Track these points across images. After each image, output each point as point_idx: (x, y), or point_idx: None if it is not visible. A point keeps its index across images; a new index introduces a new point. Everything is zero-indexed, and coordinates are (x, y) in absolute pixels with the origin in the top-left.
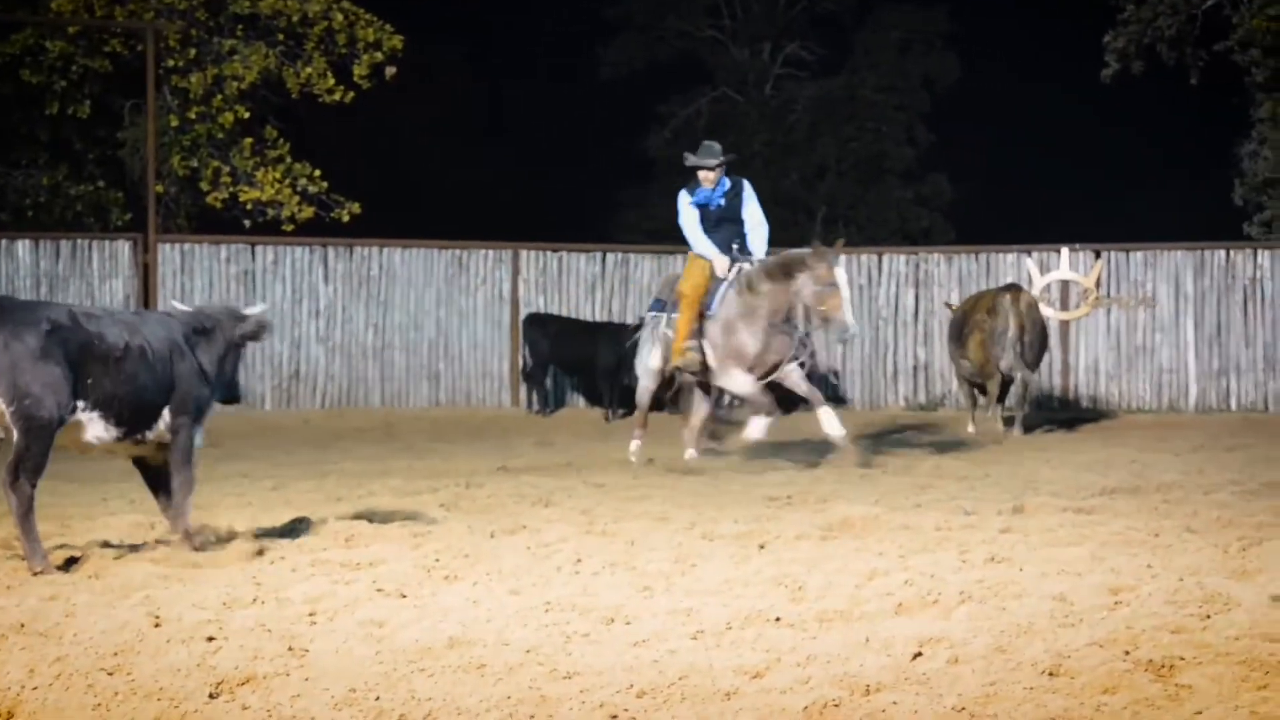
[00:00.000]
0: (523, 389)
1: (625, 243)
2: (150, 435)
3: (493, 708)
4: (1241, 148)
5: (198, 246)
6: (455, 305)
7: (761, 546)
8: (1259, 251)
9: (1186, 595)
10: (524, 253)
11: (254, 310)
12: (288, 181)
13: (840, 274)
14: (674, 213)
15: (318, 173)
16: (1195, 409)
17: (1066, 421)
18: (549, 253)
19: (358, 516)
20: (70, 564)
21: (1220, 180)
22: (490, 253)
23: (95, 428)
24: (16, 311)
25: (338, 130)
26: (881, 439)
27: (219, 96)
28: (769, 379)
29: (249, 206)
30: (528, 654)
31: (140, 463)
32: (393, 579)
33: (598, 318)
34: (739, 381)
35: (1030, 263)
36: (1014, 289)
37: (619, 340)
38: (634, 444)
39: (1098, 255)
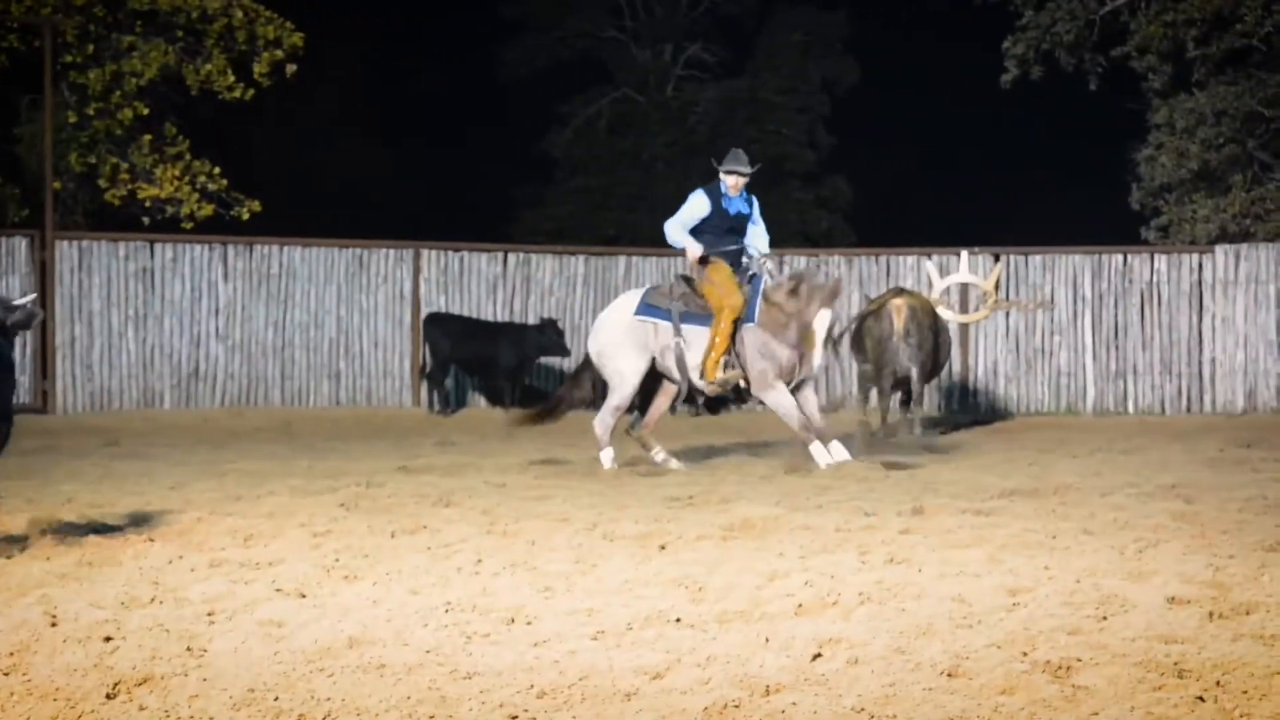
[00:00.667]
0: (424, 389)
1: (526, 242)
2: None
3: (392, 708)
4: (1139, 152)
5: (96, 244)
6: (356, 304)
7: (662, 547)
8: (1156, 256)
9: (1084, 597)
10: (425, 252)
11: (23, 301)
12: (187, 179)
13: (821, 316)
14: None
15: (217, 170)
16: (1093, 411)
17: (966, 423)
18: (450, 252)
19: (257, 516)
20: None
21: (1118, 185)
22: (391, 251)
23: None
24: None
25: (238, 128)
26: (782, 441)
27: (118, 93)
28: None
29: (148, 204)
30: (428, 654)
31: None
32: (292, 579)
33: (499, 317)
34: (778, 395)
35: (930, 265)
36: (900, 292)
37: (520, 340)
38: (608, 452)
39: (997, 258)
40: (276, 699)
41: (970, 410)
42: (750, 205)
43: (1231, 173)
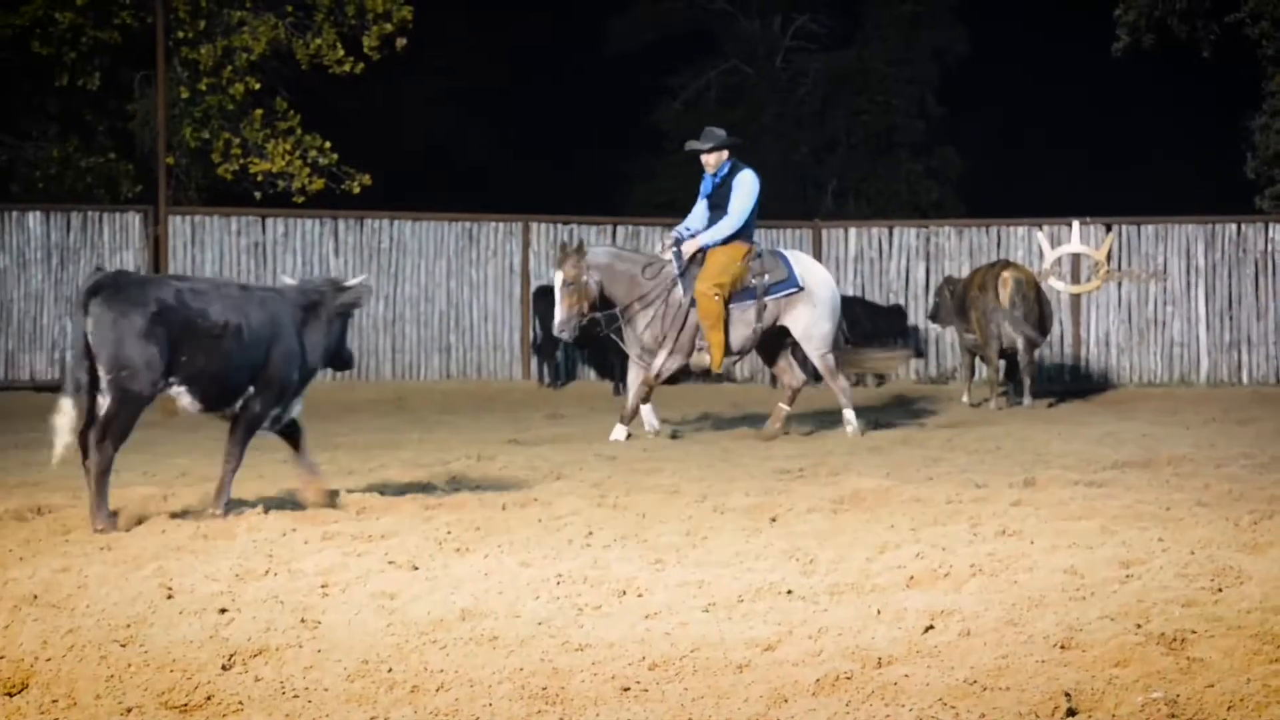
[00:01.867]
0: (534, 362)
1: (636, 215)
2: (235, 409)
3: (505, 679)
4: (1253, 121)
5: (208, 218)
6: (466, 277)
7: (773, 519)
8: (1270, 225)
9: (1198, 568)
10: (534, 225)
11: (354, 281)
12: (298, 153)
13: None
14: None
15: (328, 144)
16: (1207, 382)
17: (1077, 394)
18: (559, 225)
19: (369, 489)
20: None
21: (1232, 153)
22: (501, 225)
23: (184, 400)
24: (128, 289)
25: (348, 102)
26: (892, 411)
27: (229, 68)
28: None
29: (259, 178)
30: (539, 626)
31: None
32: (404, 551)
33: None
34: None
35: (1041, 236)
36: (1005, 264)
37: None
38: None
39: (1108, 229)
40: (390, 670)
41: (1082, 381)
42: (729, 182)
43: None
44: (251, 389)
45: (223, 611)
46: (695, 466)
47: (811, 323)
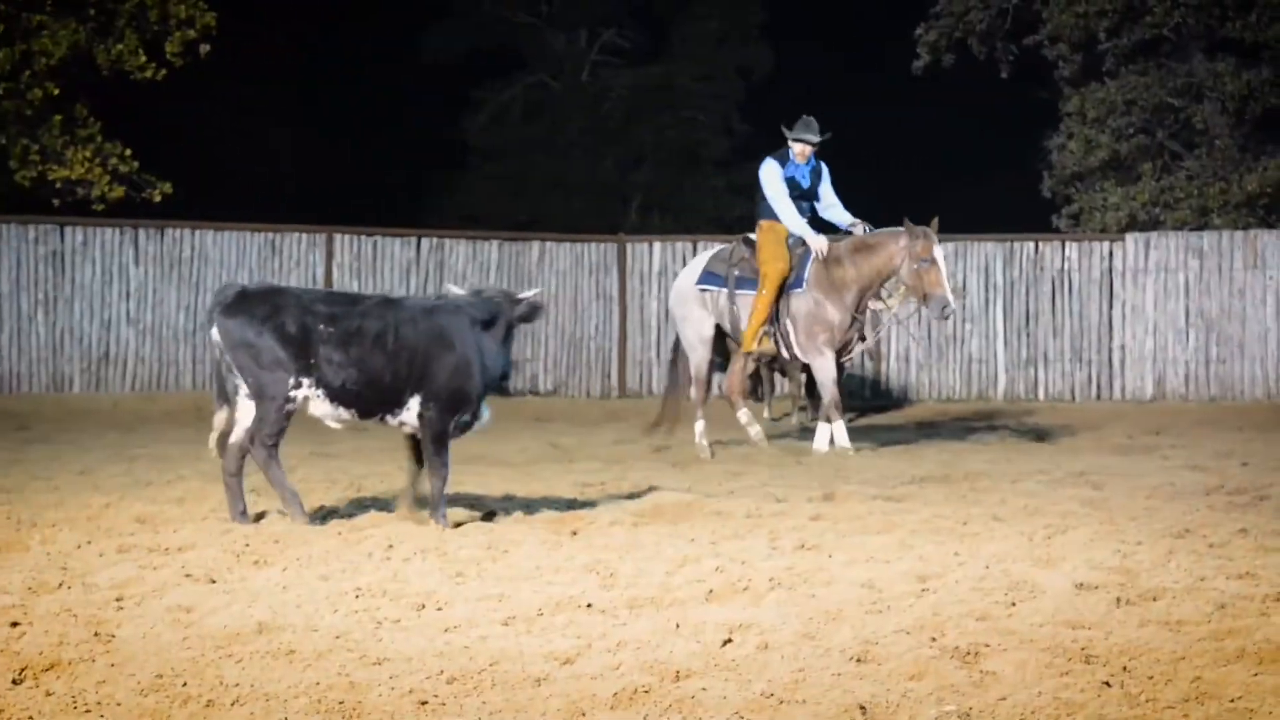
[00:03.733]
0: None
1: (440, 227)
2: (393, 419)
3: (301, 693)
4: (1050, 141)
5: (4, 226)
6: None
7: (574, 533)
8: (1067, 243)
9: (993, 582)
10: (338, 236)
11: (528, 294)
12: (98, 161)
13: (938, 250)
14: (756, 180)
15: (129, 152)
16: (1004, 398)
17: (878, 410)
18: (363, 237)
19: (167, 501)
20: None
21: (1030, 173)
22: (304, 236)
23: (322, 407)
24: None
25: (150, 109)
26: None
27: (27, 73)
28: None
29: (58, 185)
30: (337, 640)
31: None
32: (202, 564)
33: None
34: (826, 362)
35: None
36: None
37: None
38: (699, 425)
39: None
40: (184, 684)
41: (882, 397)
42: (820, 175)
43: (1141, 161)
44: (415, 400)
45: (14, 625)
46: (498, 480)
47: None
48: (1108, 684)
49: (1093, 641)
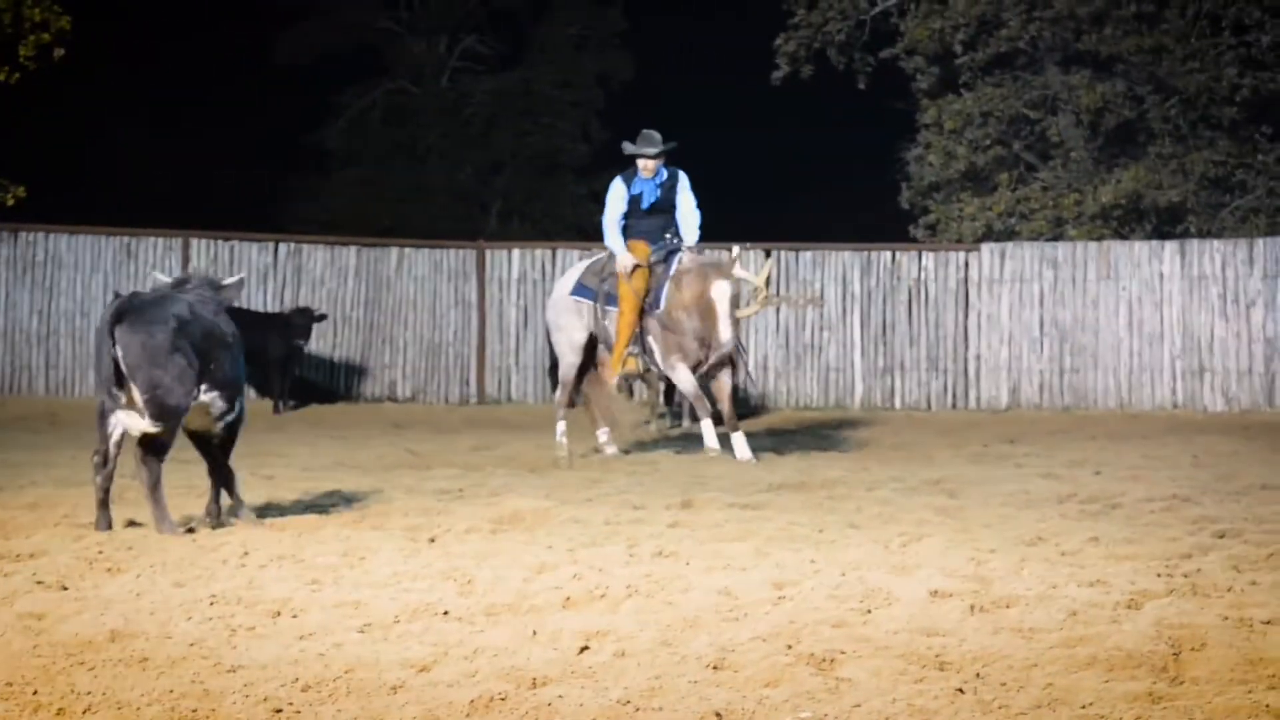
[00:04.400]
0: None
1: (298, 233)
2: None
3: (154, 701)
4: (908, 152)
5: None
6: (125, 292)
7: (431, 540)
8: (923, 253)
9: (848, 590)
10: (194, 241)
11: (232, 280)
12: None
13: (718, 287)
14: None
15: None
16: (861, 406)
17: (738, 417)
18: (220, 241)
19: (18, 506)
20: None
21: (888, 184)
22: (160, 240)
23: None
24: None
25: (2, 113)
26: (550, 432)
27: None
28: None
29: None
30: (191, 647)
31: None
32: (54, 570)
33: (269, 308)
34: (683, 377)
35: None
36: None
37: (290, 331)
38: (560, 425)
39: (768, 254)
40: (35, 692)
41: (740, 405)
42: (676, 183)
43: (997, 172)
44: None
45: None
46: (354, 486)
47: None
48: (961, 691)
49: (946, 648)
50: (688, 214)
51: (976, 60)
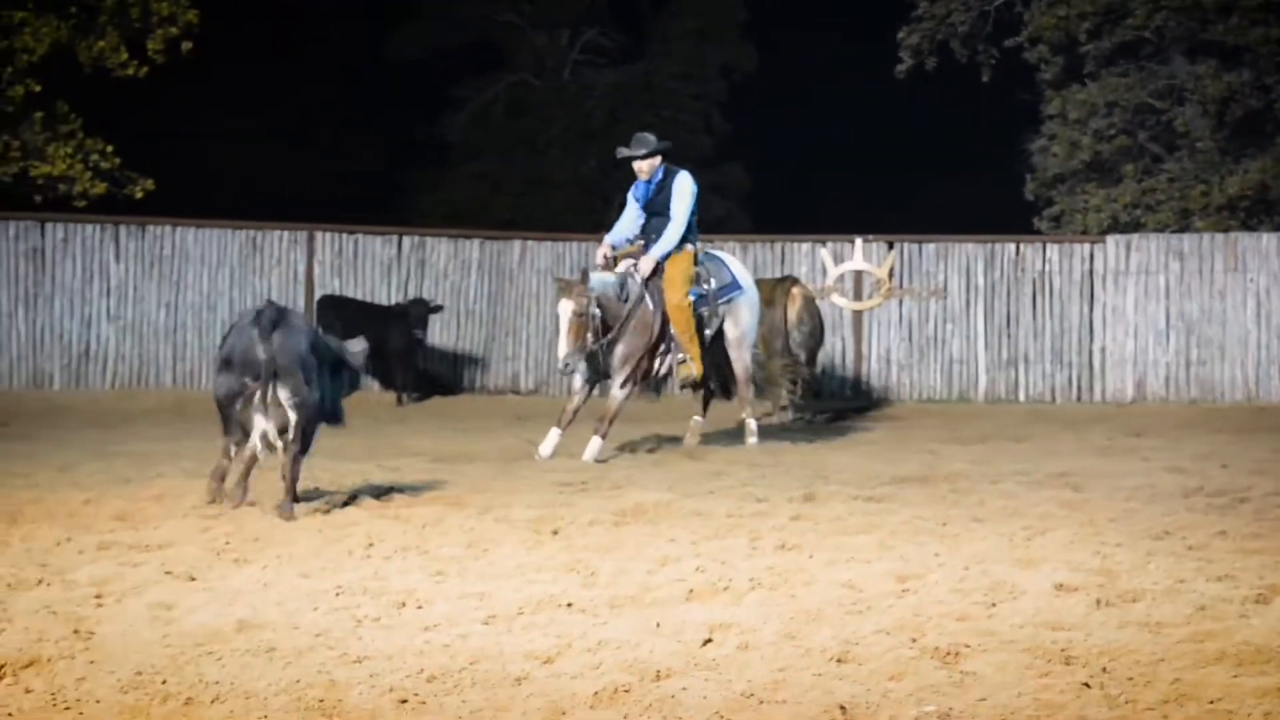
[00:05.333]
0: None
1: (421, 226)
2: None
3: (281, 691)
4: (1032, 143)
5: None
6: (250, 286)
7: (555, 532)
8: (1048, 245)
9: (972, 583)
10: (319, 234)
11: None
12: (79, 157)
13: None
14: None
15: (110, 149)
16: (985, 399)
17: (858, 410)
18: (344, 235)
19: (146, 498)
20: None
21: (1013, 175)
22: (285, 233)
23: None
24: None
25: (132, 106)
26: (676, 424)
27: (9, 69)
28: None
29: (40, 182)
30: (317, 638)
31: None
32: (182, 561)
33: (394, 301)
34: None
35: (825, 253)
36: (791, 281)
37: (408, 323)
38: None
39: (890, 246)
40: (164, 682)
41: (863, 397)
42: (666, 188)
43: (1123, 163)
44: None
45: None
46: (478, 479)
47: (749, 325)
48: (1087, 685)
49: (1072, 643)
50: (666, 213)
51: (1101, 49)
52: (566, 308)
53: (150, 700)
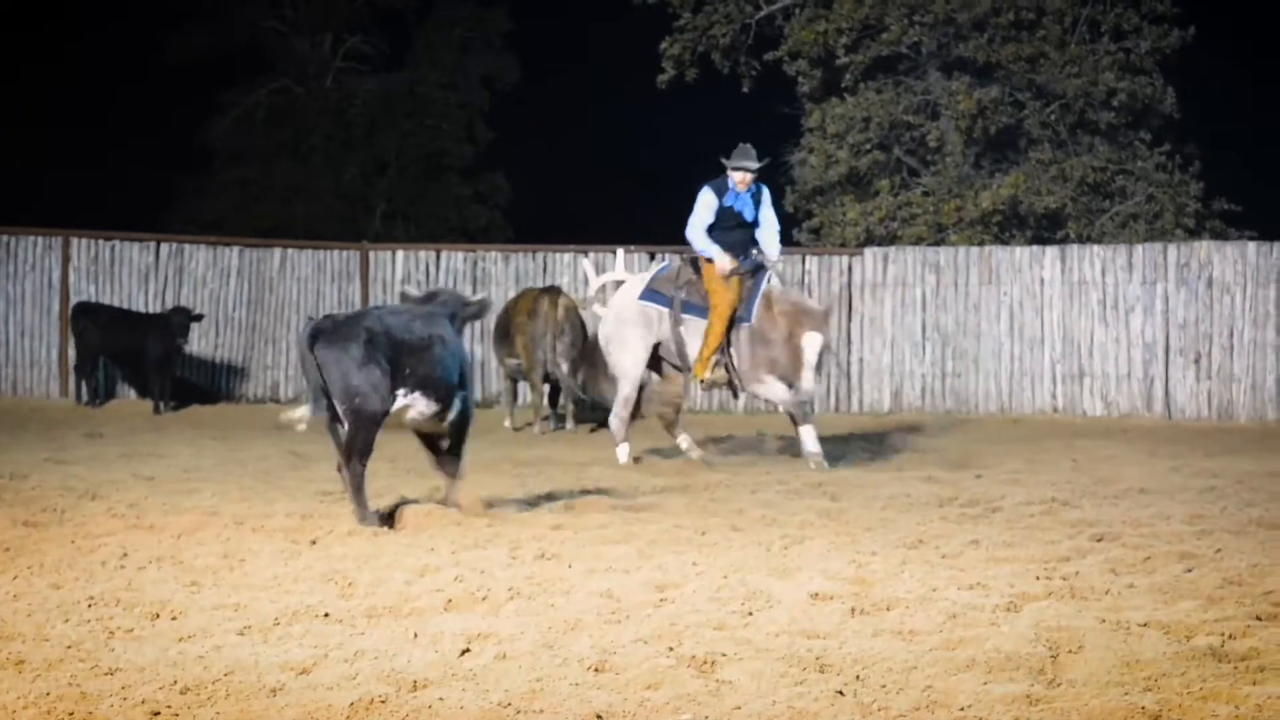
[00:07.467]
0: (72, 379)
1: (182, 233)
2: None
3: (30, 704)
4: (793, 155)
5: None
6: (2, 292)
7: (313, 542)
8: (807, 257)
9: (730, 592)
10: (75, 240)
11: (478, 297)
12: None
13: (810, 339)
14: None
15: None
16: (743, 410)
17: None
18: (101, 241)
19: None
20: None
21: (773, 187)
22: (40, 239)
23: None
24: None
25: None
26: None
27: None
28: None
29: None
30: (68, 650)
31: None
32: None
33: (151, 308)
34: (777, 390)
35: (586, 263)
36: (553, 291)
37: (169, 332)
38: (624, 448)
39: (652, 256)
40: None
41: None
42: (759, 202)
43: (879, 177)
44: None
45: None
46: (236, 488)
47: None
48: (841, 693)
49: (827, 651)
50: (768, 227)
51: (859, 64)
52: (818, 342)
53: None
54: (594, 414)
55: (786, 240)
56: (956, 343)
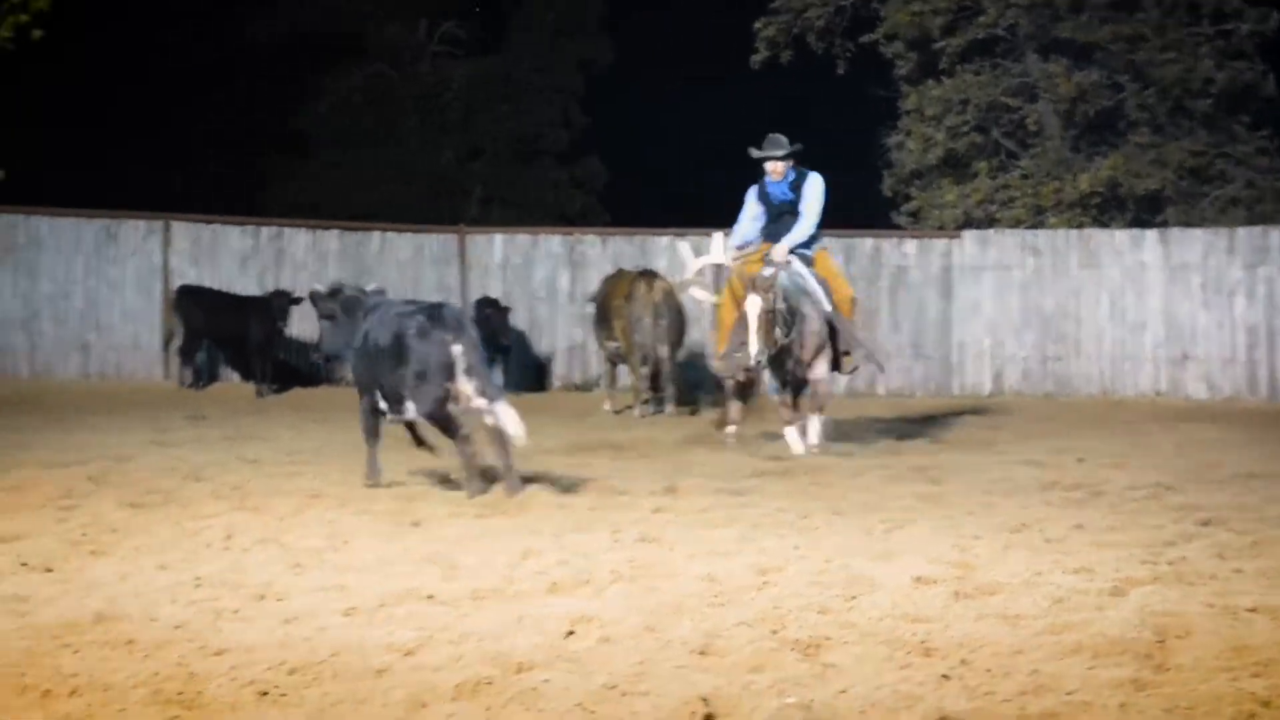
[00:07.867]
0: (174, 362)
1: (279, 216)
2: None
3: (140, 684)
4: (889, 138)
5: None
6: (105, 276)
7: (416, 524)
8: (905, 240)
9: (832, 576)
10: (175, 224)
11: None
12: None
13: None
14: None
15: None
16: (845, 393)
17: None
18: (201, 225)
19: (3, 489)
20: None
21: (871, 170)
22: (141, 223)
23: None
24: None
25: None
26: (538, 417)
27: None
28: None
29: None
30: (176, 630)
31: None
32: (38, 553)
33: (251, 292)
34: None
35: (684, 246)
36: (648, 274)
37: (271, 315)
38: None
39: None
40: (22, 675)
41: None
42: (802, 185)
43: (977, 160)
44: None
45: None
46: (338, 470)
47: None
48: (946, 677)
49: (931, 635)
50: (801, 216)
51: (955, 46)
52: (755, 304)
53: (6, 693)
54: (693, 397)
55: (885, 223)
56: (1057, 325)
